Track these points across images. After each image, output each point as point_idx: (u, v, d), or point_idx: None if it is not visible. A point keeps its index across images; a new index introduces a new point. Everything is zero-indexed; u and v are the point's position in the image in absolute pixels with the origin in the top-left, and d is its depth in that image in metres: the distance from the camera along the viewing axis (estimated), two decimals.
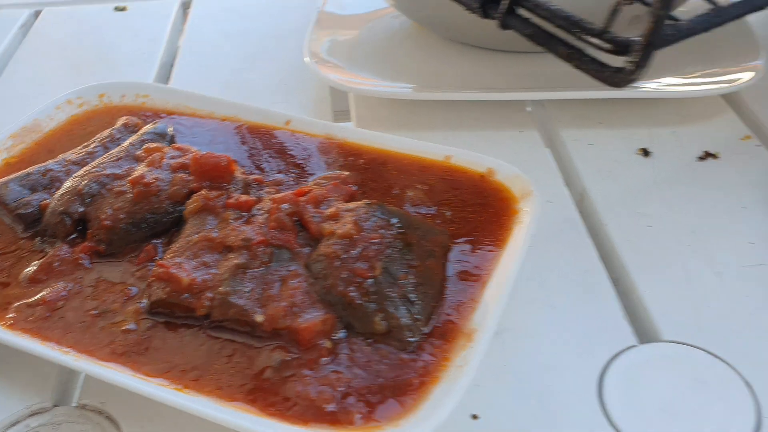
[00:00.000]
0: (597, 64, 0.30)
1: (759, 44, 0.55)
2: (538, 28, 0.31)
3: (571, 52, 0.30)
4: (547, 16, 0.30)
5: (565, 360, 0.36)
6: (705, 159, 0.49)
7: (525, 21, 0.33)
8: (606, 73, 0.30)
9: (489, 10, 0.34)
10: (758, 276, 0.40)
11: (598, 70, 0.30)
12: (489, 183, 0.44)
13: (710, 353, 0.36)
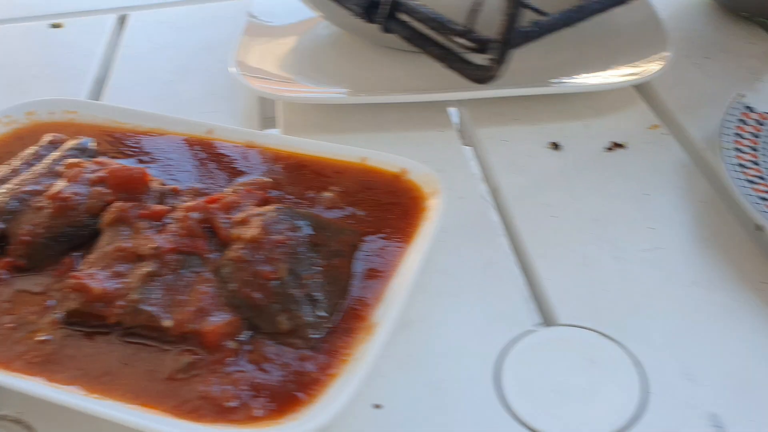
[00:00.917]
0: (464, 62, 0.32)
1: (667, 36, 0.57)
2: (415, 31, 0.33)
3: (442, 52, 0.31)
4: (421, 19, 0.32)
5: (466, 348, 0.38)
6: (613, 149, 0.51)
7: (404, 24, 0.34)
8: (471, 70, 0.32)
9: (372, 15, 0.35)
10: (654, 259, 0.42)
11: (465, 68, 0.32)
12: (402, 182, 0.45)
13: (603, 334, 0.38)
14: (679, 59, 0.61)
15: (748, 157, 0.44)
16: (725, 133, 0.45)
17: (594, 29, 0.62)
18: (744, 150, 0.44)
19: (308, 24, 0.66)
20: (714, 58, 0.61)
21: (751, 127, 0.46)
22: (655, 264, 0.42)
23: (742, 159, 0.43)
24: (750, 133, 0.46)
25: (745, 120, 0.46)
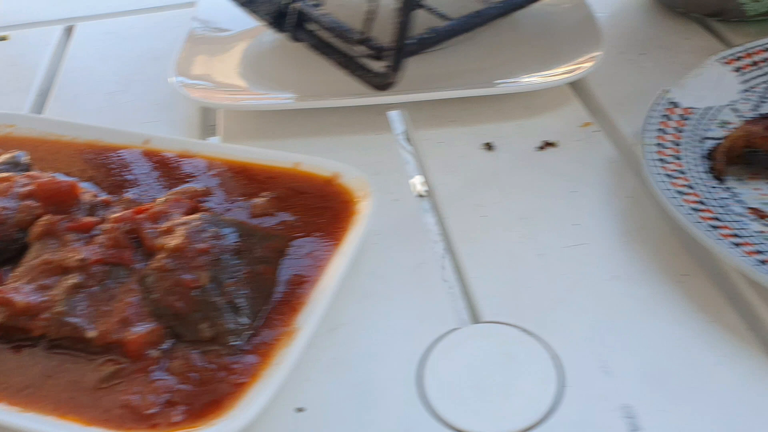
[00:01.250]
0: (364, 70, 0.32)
1: (600, 34, 0.58)
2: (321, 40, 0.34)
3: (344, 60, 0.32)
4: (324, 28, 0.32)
5: (392, 348, 0.38)
6: (544, 148, 0.52)
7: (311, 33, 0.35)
8: (370, 77, 0.33)
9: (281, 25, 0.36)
10: (577, 255, 0.43)
11: (364, 75, 0.33)
12: (334, 187, 0.46)
13: (524, 330, 0.39)
14: (615, 56, 0.62)
15: (670, 152, 0.45)
16: (648, 129, 0.46)
17: (532, 30, 0.64)
18: (666, 145, 0.45)
19: (253, 32, 0.66)
20: (649, 55, 0.62)
21: (675, 122, 0.47)
22: (578, 259, 0.42)
23: (663, 154, 0.44)
24: (673, 128, 0.46)
25: (669, 115, 0.47)
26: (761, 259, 0.37)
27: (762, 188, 0.44)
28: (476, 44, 0.62)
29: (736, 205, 0.42)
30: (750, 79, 0.51)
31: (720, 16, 0.64)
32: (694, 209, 0.40)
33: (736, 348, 0.37)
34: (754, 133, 0.43)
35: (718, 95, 0.50)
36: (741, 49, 0.53)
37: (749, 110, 0.49)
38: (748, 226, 0.40)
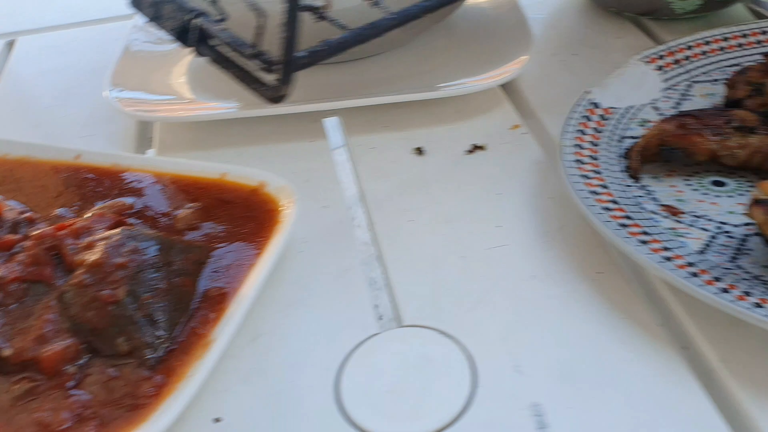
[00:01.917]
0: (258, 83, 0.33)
1: (530, 38, 0.59)
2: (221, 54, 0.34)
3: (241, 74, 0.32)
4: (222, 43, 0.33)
5: (311, 357, 0.39)
6: (473, 152, 0.52)
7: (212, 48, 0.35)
8: (264, 90, 0.33)
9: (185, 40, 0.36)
10: (498, 256, 0.44)
11: (259, 88, 0.33)
12: (259, 196, 0.47)
13: (441, 332, 0.39)
14: (548, 58, 0.63)
15: (588, 153, 0.45)
16: (567, 131, 0.47)
17: (467, 33, 0.64)
18: (584, 146, 0.46)
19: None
20: (581, 55, 0.63)
21: (594, 122, 0.48)
22: (499, 261, 0.43)
23: (580, 155, 0.45)
24: (593, 129, 0.47)
25: (589, 116, 0.48)
26: (667, 256, 0.38)
27: (678, 185, 0.45)
28: (411, 49, 0.63)
29: (650, 203, 0.43)
30: (672, 77, 0.52)
31: (652, 15, 0.65)
32: (605, 208, 0.41)
33: (647, 343, 0.38)
34: (667, 131, 0.44)
35: (640, 94, 0.51)
36: (664, 47, 0.54)
37: (670, 108, 0.50)
38: (659, 223, 0.41)
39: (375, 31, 0.36)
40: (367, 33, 0.35)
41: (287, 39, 0.31)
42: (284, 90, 0.33)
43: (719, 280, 0.36)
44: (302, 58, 0.34)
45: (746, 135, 0.44)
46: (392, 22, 0.35)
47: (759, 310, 0.34)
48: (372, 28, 0.35)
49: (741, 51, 0.54)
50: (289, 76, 0.33)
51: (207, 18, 0.34)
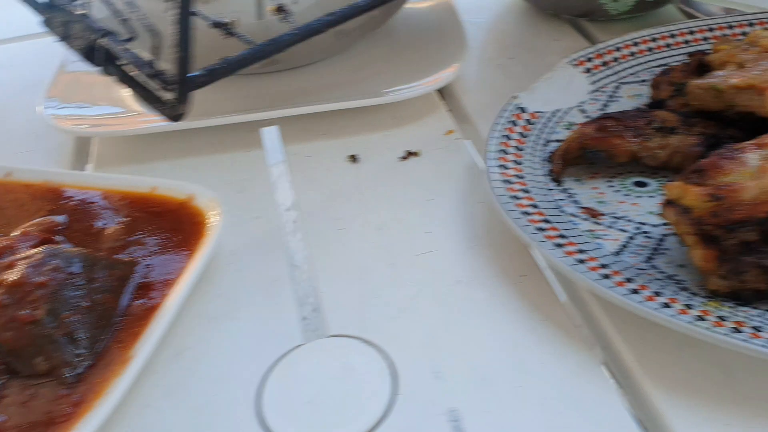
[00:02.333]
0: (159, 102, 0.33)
1: (466, 45, 0.60)
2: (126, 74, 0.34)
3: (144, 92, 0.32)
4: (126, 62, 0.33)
5: (235, 370, 0.39)
6: (407, 158, 0.53)
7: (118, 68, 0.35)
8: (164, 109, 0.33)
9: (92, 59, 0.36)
10: (425, 262, 0.44)
11: (159, 107, 0.33)
12: (188, 209, 0.47)
13: (365, 341, 0.39)
14: (486, 62, 0.64)
15: (512, 158, 0.46)
16: (492, 136, 0.47)
17: (405, 39, 0.65)
18: (509, 151, 0.46)
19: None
20: (517, 58, 0.63)
21: (520, 127, 0.48)
22: (426, 267, 0.44)
23: (505, 160, 0.46)
24: (518, 133, 0.48)
25: (515, 121, 0.49)
26: (581, 258, 0.38)
27: (600, 187, 0.45)
28: (349, 56, 0.64)
29: (571, 206, 0.43)
30: (600, 79, 0.53)
31: (588, 17, 0.66)
32: (525, 213, 0.41)
33: (565, 345, 0.38)
34: (586, 134, 0.45)
35: (568, 97, 0.51)
36: (592, 49, 0.55)
37: (597, 110, 0.51)
38: (577, 225, 0.42)
39: (276, 47, 0.36)
40: (269, 49, 0.36)
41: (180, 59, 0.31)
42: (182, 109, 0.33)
43: (631, 281, 0.37)
44: (200, 77, 0.34)
45: (666, 135, 0.45)
46: (294, 37, 0.36)
47: (666, 310, 0.35)
48: (273, 44, 0.36)
49: (669, 51, 0.55)
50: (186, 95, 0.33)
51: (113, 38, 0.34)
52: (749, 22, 0.57)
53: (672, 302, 0.35)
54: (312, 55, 0.60)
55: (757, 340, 0.33)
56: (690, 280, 0.38)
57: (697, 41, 0.56)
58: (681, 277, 0.38)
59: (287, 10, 0.38)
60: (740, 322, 0.34)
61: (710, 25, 0.57)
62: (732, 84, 0.43)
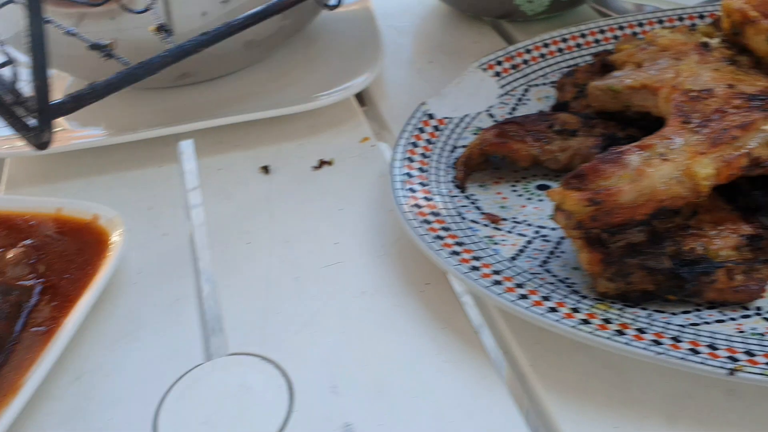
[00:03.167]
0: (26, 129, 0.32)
1: (382, 50, 0.60)
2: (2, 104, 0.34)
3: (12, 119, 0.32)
4: None
5: (133, 392, 0.38)
6: (320, 167, 0.52)
7: None
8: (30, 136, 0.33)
9: None
10: (331, 274, 0.44)
11: (26, 134, 0.33)
12: (93, 229, 0.46)
13: (264, 358, 0.39)
14: (405, 66, 0.64)
15: (417, 165, 0.46)
16: (399, 144, 0.47)
17: (324, 47, 0.65)
18: (414, 159, 0.46)
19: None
20: (436, 62, 0.64)
21: (427, 134, 0.48)
22: (331, 279, 0.43)
23: (410, 168, 0.46)
24: (425, 140, 0.48)
25: (423, 128, 0.49)
26: (475, 265, 0.38)
27: (503, 192, 0.45)
28: (267, 65, 0.63)
29: (473, 212, 0.43)
30: (509, 83, 0.53)
31: (507, 18, 0.67)
32: (425, 221, 0.41)
33: (462, 353, 0.38)
34: (486, 140, 0.45)
35: (477, 102, 0.52)
36: (502, 53, 0.55)
37: (505, 114, 0.51)
38: (477, 232, 0.42)
39: (146, 70, 0.35)
40: (139, 73, 0.35)
41: (38, 87, 0.31)
42: (46, 137, 0.33)
43: (521, 286, 0.37)
44: (64, 104, 0.33)
45: (567, 138, 0.46)
46: (165, 59, 0.35)
47: (551, 314, 0.35)
48: (142, 68, 0.35)
49: (579, 51, 0.56)
50: (49, 123, 0.32)
51: None
52: (659, 20, 0.58)
53: (559, 306, 0.36)
54: (226, 67, 0.59)
55: (639, 342, 0.33)
56: (581, 282, 0.38)
57: (608, 40, 0.56)
58: (573, 280, 0.38)
59: (169, 30, 0.37)
60: (625, 324, 0.35)
61: (620, 23, 0.57)
62: (627, 84, 0.43)
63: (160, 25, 0.38)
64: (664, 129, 0.37)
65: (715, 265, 0.35)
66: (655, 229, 0.36)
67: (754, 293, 0.36)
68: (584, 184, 0.35)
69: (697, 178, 0.34)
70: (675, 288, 0.35)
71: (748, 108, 0.37)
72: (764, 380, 0.31)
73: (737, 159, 0.36)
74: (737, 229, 0.38)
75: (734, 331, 0.35)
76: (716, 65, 0.43)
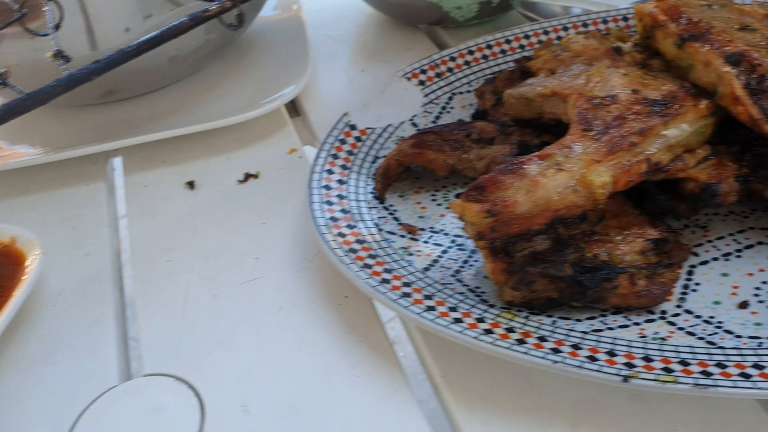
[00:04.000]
0: None
1: (309, 62, 0.60)
2: None
3: None
4: None
5: (45, 418, 0.38)
6: (245, 181, 0.52)
7: None
8: None
9: None
10: (249, 290, 0.44)
11: None
12: (10, 252, 0.45)
13: (177, 378, 0.39)
14: (338, 75, 0.64)
15: (337, 177, 0.46)
16: (320, 156, 0.47)
17: (254, 58, 0.64)
18: (334, 171, 0.46)
19: None
20: (369, 70, 0.64)
21: (349, 145, 0.48)
22: (249, 295, 0.43)
23: (329, 180, 0.46)
24: (346, 151, 0.48)
25: (345, 139, 0.49)
26: (386, 278, 0.38)
27: (423, 201, 0.46)
28: (200, 78, 0.63)
29: (391, 223, 0.44)
30: (434, 91, 0.53)
31: (440, 24, 0.67)
32: (340, 234, 0.41)
33: (376, 366, 0.38)
34: (402, 151, 0.45)
35: (400, 111, 0.52)
36: (426, 61, 0.55)
37: (429, 123, 0.51)
38: (393, 243, 0.42)
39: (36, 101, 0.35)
40: (27, 104, 0.35)
41: None
42: None
43: (430, 297, 0.37)
44: None
45: (484, 146, 0.46)
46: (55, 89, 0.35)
47: (455, 326, 0.35)
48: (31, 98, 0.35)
49: (504, 58, 0.56)
50: None
51: None
52: (583, 23, 0.58)
53: (465, 317, 0.36)
54: (153, 83, 0.59)
55: (538, 351, 0.33)
56: (491, 291, 0.38)
57: (533, 45, 0.57)
58: (483, 289, 0.38)
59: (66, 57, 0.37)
60: (528, 332, 0.35)
61: (545, 28, 0.58)
62: (538, 92, 0.44)
63: (57, 51, 0.37)
64: (565, 137, 0.37)
65: (617, 271, 0.36)
66: (560, 236, 0.37)
67: (658, 297, 0.36)
68: (484, 195, 0.35)
69: (593, 187, 0.34)
70: (578, 295, 0.36)
71: (648, 114, 0.38)
72: (657, 386, 0.31)
73: (636, 165, 0.36)
74: (643, 233, 0.38)
75: (636, 336, 0.35)
76: (627, 70, 0.44)
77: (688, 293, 0.38)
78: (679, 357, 0.33)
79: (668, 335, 0.35)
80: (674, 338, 0.35)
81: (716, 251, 0.40)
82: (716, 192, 0.37)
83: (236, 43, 0.65)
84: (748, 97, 0.39)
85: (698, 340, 0.35)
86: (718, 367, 0.32)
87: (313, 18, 0.72)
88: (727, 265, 0.39)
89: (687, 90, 0.40)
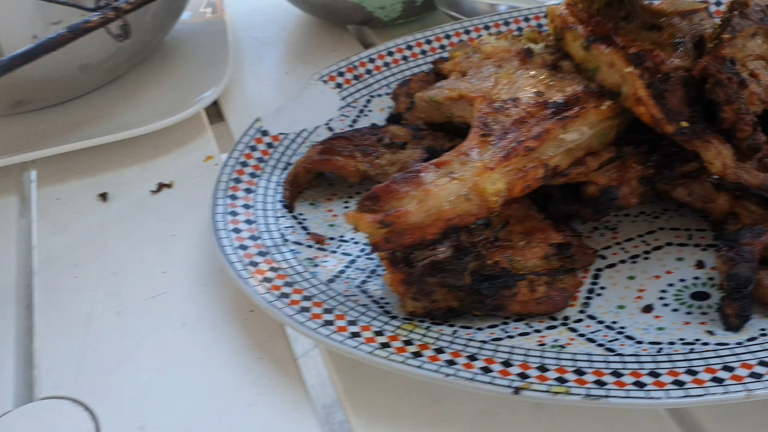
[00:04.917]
0: None
1: (229, 66, 0.58)
2: None
3: None
4: None
5: None
6: (159, 191, 0.51)
7: None
8: None
9: None
10: (154, 306, 0.42)
11: None
12: None
13: (74, 401, 0.38)
14: (262, 79, 0.63)
15: (245, 186, 0.45)
16: (228, 164, 0.46)
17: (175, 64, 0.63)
18: (242, 179, 0.45)
19: None
20: (293, 72, 0.62)
21: (259, 152, 0.47)
22: (153, 311, 0.42)
23: (236, 189, 0.44)
24: (256, 159, 0.47)
25: (255, 146, 0.47)
26: (285, 292, 0.37)
27: (334, 209, 0.45)
28: (119, 86, 0.61)
29: (299, 233, 0.42)
30: (351, 94, 0.52)
31: (367, 24, 0.66)
32: (241, 246, 0.40)
33: (278, 383, 0.37)
34: (310, 157, 0.44)
35: (316, 115, 0.50)
36: (344, 63, 0.54)
37: (346, 127, 0.50)
38: (299, 254, 0.41)
39: None
40: None
41: None
42: None
43: (330, 311, 0.36)
44: None
45: (397, 151, 0.45)
46: None
47: (350, 341, 0.34)
48: None
49: (424, 59, 0.55)
50: None
51: None
52: (505, 21, 0.57)
53: (364, 330, 0.35)
54: (66, 93, 0.57)
55: (432, 364, 0.33)
56: (395, 303, 0.38)
57: (453, 45, 0.56)
58: (388, 300, 0.38)
59: None
60: (426, 344, 0.34)
61: (467, 27, 0.57)
62: (446, 95, 0.43)
63: None
64: (463, 143, 0.37)
65: (516, 278, 0.35)
66: (462, 244, 0.36)
67: (558, 303, 0.36)
68: (378, 205, 0.34)
69: (486, 195, 0.34)
70: (477, 303, 0.35)
71: (546, 117, 0.37)
72: (548, 398, 0.31)
73: (532, 171, 0.35)
74: (546, 238, 0.38)
75: (536, 344, 0.34)
76: (535, 72, 0.43)
77: (593, 298, 0.37)
78: (575, 366, 0.33)
79: (568, 342, 0.35)
80: (573, 345, 0.34)
81: (624, 253, 0.40)
82: (615, 195, 0.37)
83: (159, 49, 0.64)
84: (650, 96, 0.38)
85: (597, 347, 0.34)
86: (613, 375, 0.32)
87: (241, 21, 0.71)
88: (634, 268, 0.39)
89: (591, 91, 0.40)
